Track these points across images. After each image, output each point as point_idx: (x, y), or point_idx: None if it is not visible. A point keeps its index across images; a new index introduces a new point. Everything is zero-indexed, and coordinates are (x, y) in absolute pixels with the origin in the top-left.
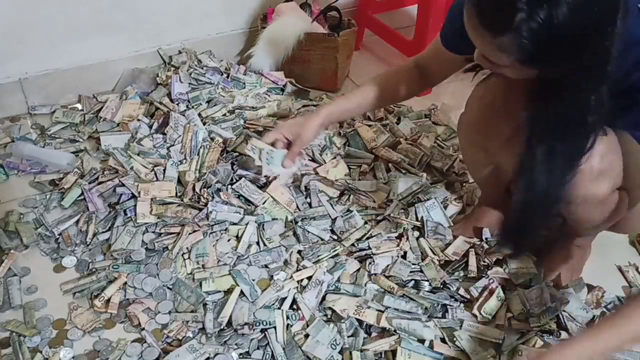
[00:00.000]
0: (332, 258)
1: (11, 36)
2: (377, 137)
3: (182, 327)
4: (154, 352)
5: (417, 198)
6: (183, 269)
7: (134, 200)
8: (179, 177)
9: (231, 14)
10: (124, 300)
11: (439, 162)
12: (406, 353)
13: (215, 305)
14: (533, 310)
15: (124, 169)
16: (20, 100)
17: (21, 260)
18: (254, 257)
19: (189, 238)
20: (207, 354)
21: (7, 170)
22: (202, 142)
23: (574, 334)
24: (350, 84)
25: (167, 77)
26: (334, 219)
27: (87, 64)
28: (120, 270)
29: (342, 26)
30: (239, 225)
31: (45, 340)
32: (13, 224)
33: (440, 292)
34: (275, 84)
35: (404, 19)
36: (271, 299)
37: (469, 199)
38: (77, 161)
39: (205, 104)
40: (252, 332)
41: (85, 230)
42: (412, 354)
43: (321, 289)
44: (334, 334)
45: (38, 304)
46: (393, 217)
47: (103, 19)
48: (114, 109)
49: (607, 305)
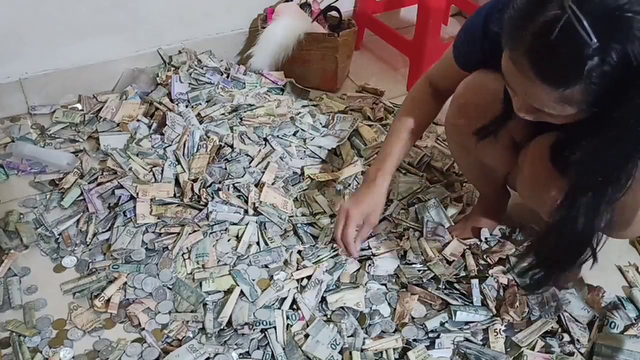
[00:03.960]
0: (332, 258)
1: (11, 36)
2: (378, 137)
3: (182, 327)
4: (154, 352)
5: (417, 198)
6: (183, 269)
7: (133, 202)
8: (177, 178)
9: (231, 14)
10: (124, 300)
11: (439, 162)
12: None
13: (215, 305)
14: (534, 310)
15: (122, 169)
16: (20, 100)
17: (21, 260)
18: (254, 257)
19: (189, 238)
20: (207, 354)
21: (7, 170)
22: (199, 141)
23: (575, 335)
24: (350, 84)
25: (167, 77)
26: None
27: (87, 64)
28: (120, 270)
29: (342, 26)
30: (239, 225)
31: (45, 340)
32: (13, 224)
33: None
34: (275, 84)
35: (404, 19)
36: (271, 299)
37: (469, 199)
38: (77, 161)
39: (205, 103)
40: (252, 332)
41: (85, 230)
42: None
43: (320, 289)
44: (334, 334)
45: (38, 304)
46: (393, 217)
47: (103, 19)
48: (113, 109)
49: (607, 305)
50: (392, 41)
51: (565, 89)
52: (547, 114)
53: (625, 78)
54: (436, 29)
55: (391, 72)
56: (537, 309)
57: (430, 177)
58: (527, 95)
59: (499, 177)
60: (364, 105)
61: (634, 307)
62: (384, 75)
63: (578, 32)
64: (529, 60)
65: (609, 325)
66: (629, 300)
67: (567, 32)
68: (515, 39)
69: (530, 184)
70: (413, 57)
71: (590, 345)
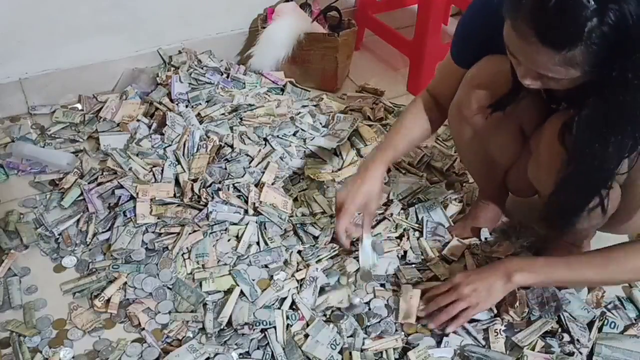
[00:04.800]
0: (332, 258)
1: (11, 36)
2: (378, 137)
3: (182, 327)
4: (154, 352)
5: (417, 198)
6: (183, 269)
7: (133, 202)
8: (177, 178)
9: (231, 14)
10: (124, 300)
11: (439, 162)
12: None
13: (215, 305)
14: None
15: (122, 169)
16: (20, 100)
17: (21, 260)
18: (254, 257)
19: (189, 238)
20: (207, 354)
21: (7, 170)
22: (199, 141)
23: (575, 335)
24: (350, 84)
25: (167, 77)
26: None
27: (87, 64)
28: (120, 270)
29: (342, 26)
30: (239, 225)
31: (45, 340)
32: (13, 224)
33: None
34: (275, 84)
35: (404, 19)
36: (271, 299)
37: (469, 199)
38: (77, 161)
39: (205, 103)
40: (252, 332)
41: (85, 230)
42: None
43: (316, 285)
44: (333, 334)
45: (38, 304)
46: (393, 217)
47: (103, 19)
48: (113, 109)
49: (607, 305)
50: (392, 41)
51: (568, 51)
52: (551, 78)
53: (623, 37)
54: (436, 29)
55: (391, 72)
56: (537, 309)
57: (430, 177)
58: (531, 61)
59: (500, 171)
60: (364, 105)
61: (634, 307)
62: (384, 75)
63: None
64: (530, 26)
65: (609, 325)
66: (629, 300)
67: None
68: (516, 7)
69: (545, 163)
70: (413, 57)
71: (591, 345)
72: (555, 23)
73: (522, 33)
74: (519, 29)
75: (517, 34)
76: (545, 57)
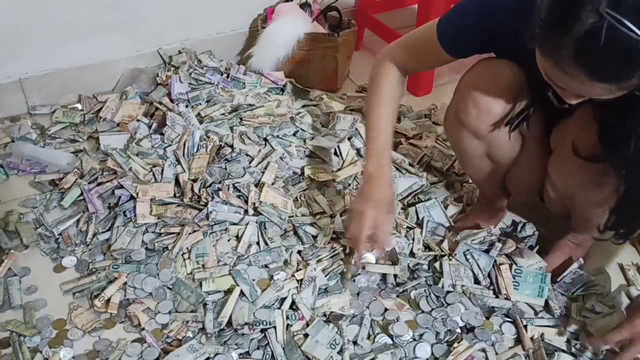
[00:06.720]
0: (332, 258)
1: (11, 36)
2: None
3: (182, 327)
4: (154, 352)
5: (417, 198)
6: (183, 269)
7: (133, 202)
8: (177, 178)
9: (231, 14)
10: (124, 300)
11: (439, 162)
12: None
13: (215, 305)
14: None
15: (122, 169)
16: (20, 100)
17: (21, 260)
18: (254, 257)
19: (189, 238)
20: (207, 354)
21: (7, 170)
22: (199, 141)
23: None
24: (350, 84)
25: (167, 77)
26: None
27: (87, 64)
28: (120, 270)
29: (342, 26)
30: (239, 225)
31: (45, 340)
32: (13, 224)
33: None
34: (275, 84)
35: (404, 19)
36: (271, 299)
37: (469, 199)
38: (77, 161)
39: (205, 103)
40: (252, 332)
41: (85, 230)
42: None
43: (315, 285)
44: (333, 334)
45: (38, 304)
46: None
47: (103, 19)
48: (113, 109)
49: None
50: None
51: (625, 82)
52: (599, 99)
53: None
54: None
55: None
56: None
57: (430, 177)
58: (582, 92)
59: (500, 172)
60: (364, 105)
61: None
62: None
63: (624, 33)
64: (580, 68)
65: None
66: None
67: (613, 36)
68: (558, 47)
69: (571, 158)
70: None
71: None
72: (609, 63)
73: (571, 72)
74: (565, 69)
75: (564, 72)
76: (599, 90)
